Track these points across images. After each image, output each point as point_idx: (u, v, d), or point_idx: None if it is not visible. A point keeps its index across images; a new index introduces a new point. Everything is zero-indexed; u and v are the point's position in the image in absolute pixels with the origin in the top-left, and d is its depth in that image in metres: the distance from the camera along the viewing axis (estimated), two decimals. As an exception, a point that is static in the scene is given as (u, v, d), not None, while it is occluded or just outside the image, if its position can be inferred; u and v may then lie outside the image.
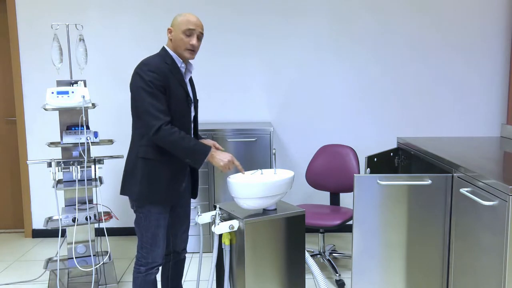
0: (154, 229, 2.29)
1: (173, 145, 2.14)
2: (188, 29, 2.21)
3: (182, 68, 2.29)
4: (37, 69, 4.07)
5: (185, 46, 2.23)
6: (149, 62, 2.18)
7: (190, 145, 2.15)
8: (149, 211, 2.27)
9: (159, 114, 2.12)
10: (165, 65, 2.21)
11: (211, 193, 3.72)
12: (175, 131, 2.13)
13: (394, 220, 2.33)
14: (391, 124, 4.16)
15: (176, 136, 2.13)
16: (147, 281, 2.34)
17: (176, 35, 2.23)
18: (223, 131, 3.66)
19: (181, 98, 2.24)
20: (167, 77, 2.18)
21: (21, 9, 4.00)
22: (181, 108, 2.24)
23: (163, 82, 2.16)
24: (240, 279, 2.15)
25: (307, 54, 4.08)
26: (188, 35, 2.22)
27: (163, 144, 2.16)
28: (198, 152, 2.18)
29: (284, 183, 2.19)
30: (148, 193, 2.23)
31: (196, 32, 2.23)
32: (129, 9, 4.03)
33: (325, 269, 3.45)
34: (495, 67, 4.11)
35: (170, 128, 2.13)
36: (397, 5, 4.04)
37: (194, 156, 2.17)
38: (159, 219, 2.29)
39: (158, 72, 2.15)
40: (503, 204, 1.83)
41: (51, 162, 2.94)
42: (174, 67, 2.24)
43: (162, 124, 2.12)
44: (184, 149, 2.15)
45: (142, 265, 2.32)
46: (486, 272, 1.99)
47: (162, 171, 2.24)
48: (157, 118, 2.11)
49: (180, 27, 2.22)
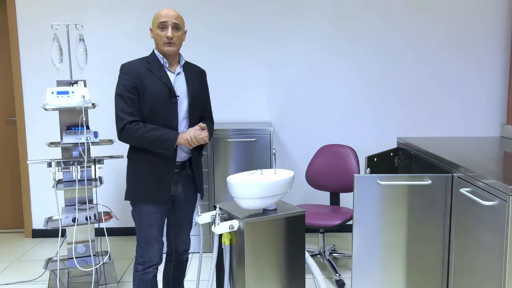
0: (147, 228, 2.32)
1: (140, 141, 2.22)
2: (160, 22, 2.23)
3: (165, 64, 2.30)
4: (37, 69, 4.07)
5: (162, 40, 2.25)
6: (126, 64, 2.28)
7: (156, 135, 2.20)
8: (140, 209, 2.32)
9: (124, 115, 2.21)
10: (145, 65, 2.26)
11: (211, 193, 3.72)
12: (139, 127, 2.20)
13: (394, 220, 2.33)
14: (391, 124, 4.16)
15: (141, 131, 2.20)
16: (145, 280, 2.35)
17: (154, 33, 2.29)
18: (223, 131, 3.65)
19: (161, 95, 2.25)
20: (141, 76, 2.23)
21: (21, 9, 4.00)
22: (160, 103, 2.25)
23: (134, 82, 2.22)
24: (240, 279, 2.15)
25: (307, 54, 4.08)
26: (162, 27, 2.24)
27: (131, 142, 2.24)
28: (166, 140, 2.22)
29: (284, 183, 2.19)
30: (134, 191, 2.32)
31: (168, 23, 2.24)
32: (129, 9, 4.03)
33: (325, 269, 3.45)
34: (495, 67, 4.11)
35: (134, 125, 2.20)
36: (397, 5, 4.04)
37: (163, 144, 2.22)
38: (151, 218, 2.32)
39: (129, 73, 2.24)
40: (503, 204, 1.83)
41: (51, 162, 2.94)
42: (155, 65, 2.28)
43: (126, 124, 2.20)
44: (152, 141, 2.21)
45: (140, 263, 2.36)
46: (486, 272, 1.99)
47: (144, 170, 2.29)
48: (122, 119, 2.21)
49: (155, 24, 2.27)
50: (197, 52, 4.08)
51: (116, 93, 2.24)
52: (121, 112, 2.22)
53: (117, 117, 2.23)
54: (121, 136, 2.24)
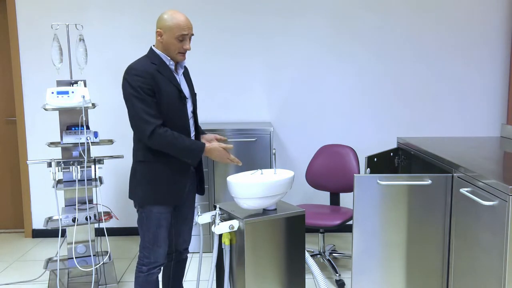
0: (156, 228, 2.30)
1: (168, 147, 2.19)
2: (182, 35, 2.21)
3: (171, 66, 2.29)
4: (37, 69, 4.07)
5: (178, 50, 2.24)
6: (135, 66, 2.19)
7: (185, 145, 2.20)
8: (150, 210, 2.28)
9: (150, 119, 2.15)
10: (152, 66, 2.21)
11: (211, 193, 3.72)
12: (168, 134, 2.17)
13: (394, 220, 2.33)
14: (391, 124, 4.16)
15: (170, 137, 2.17)
16: (149, 281, 2.34)
17: (168, 40, 2.22)
18: (223, 131, 3.66)
19: (173, 96, 2.24)
20: (154, 78, 2.19)
21: (21, 9, 4.00)
22: (174, 106, 2.24)
23: (150, 84, 2.17)
24: (240, 279, 2.15)
25: (307, 54, 4.08)
26: (181, 40, 2.22)
27: (159, 147, 2.19)
28: (194, 150, 2.22)
29: (284, 183, 2.19)
30: (150, 194, 2.26)
31: (189, 36, 2.24)
32: (129, 9, 4.03)
33: (325, 269, 3.45)
34: (495, 67, 4.11)
35: (163, 131, 2.16)
36: (397, 5, 4.04)
37: (190, 154, 2.22)
38: (160, 219, 2.30)
39: (144, 75, 2.16)
40: (503, 204, 1.83)
41: (51, 162, 2.94)
42: (162, 66, 2.25)
43: (155, 128, 2.15)
44: (180, 149, 2.19)
45: (144, 264, 2.33)
46: (486, 272, 1.99)
47: (162, 172, 2.26)
48: (149, 122, 2.14)
49: (172, 32, 2.20)
50: (197, 52, 4.08)
51: (133, 96, 2.15)
52: (145, 114, 2.14)
53: (142, 120, 2.15)
54: (150, 141, 2.16)
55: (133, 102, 2.16)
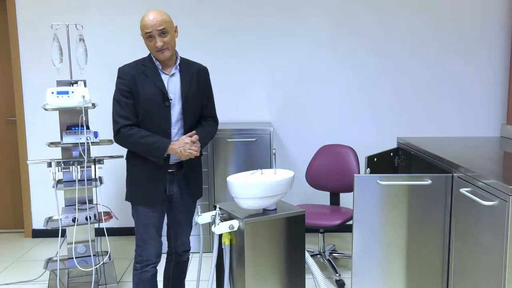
0: (142, 227, 2.37)
1: (133, 146, 2.25)
2: (146, 33, 2.22)
3: (159, 67, 2.30)
4: (37, 69, 4.07)
5: (153, 49, 2.26)
6: (122, 68, 2.30)
7: (148, 143, 2.22)
8: (137, 209, 2.37)
9: (119, 119, 2.24)
10: (140, 68, 2.27)
11: (211, 193, 3.72)
12: (133, 133, 2.22)
13: (394, 220, 2.33)
14: (391, 124, 4.16)
15: (134, 137, 2.22)
16: (143, 278, 2.38)
17: (144, 41, 2.28)
18: (223, 131, 3.65)
19: (154, 98, 2.25)
20: (135, 80, 2.24)
21: (21, 9, 4.00)
22: (154, 107, 2.25)
23: (128, 86, 2.24)
24: (240, 279, 2.15)
25: (307, 54, 4.08)
26: (149, 37, 2.23)
27: (124, 146, 2.28)
28: (157, 148, 2.22)
29: (284, 183, 2.19)
30: (131, 193, 2.37)
31: (154, 33, 2.20)
32: (129, 9, 4.03)
33: (325, 269, 3.45)
34: (495, 67, 4.11)
35: (128, 130, 2.23)
36: (398, 5, 4.03)
37: (154, 153, 2.23)
38: (146, 218, 2.35)
39: (124, 77, 2.26)
40: (503, 204, 1.83)
41: (51, 162, 2.94)
42: (150, 68, 2.28)
43: (120, 128, 2.23)
44: (144, 148, 2.23)
45: (138, 262, 2.40)
46: (486, 272, 1.99)
47: (139, 171, 2.32)
48: (116, 123, 2.25)
49: (142, 33, 2.25)
50: (197, 52, 4.07)
51: (113, 97, 2.29)
52: (116, 115, 2.26)
53: (113, 120, 2.28)
54: (115, 140, 2.29)
55: (113, 103, 2.29)
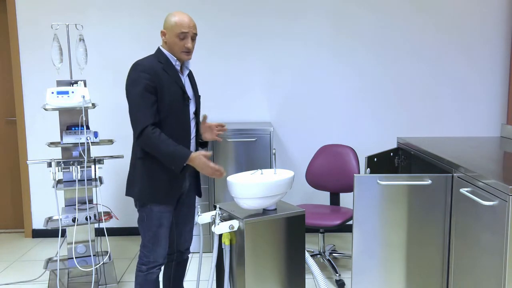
0: (156, 228, 2.30)
1: (152, 149, 2.16)
2: (182, 32, 2.21)
3: (177, 66, 2.29)
4: (37, 69, 4.07)
5: (181, 49, 2.25)
6: (142, 62, 2.21)
7: (169, 150, 2.14)
8: (151, 210, 2.28)
9: (144, 117, 2.14)
10: (159, 64, 2.23)
11: (211, 193, 3.72)
12: (155, 135, 2.14)
13: (394, 220, 2.33)
14: (391, 124, 4.16)
15: (156, 140, 2.13)
16: (148, 280, 2.34)
17: (170, 38, 2.24)
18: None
19: (177, 96, 2.24)
20: (159, 76, 2.19)
21: (21, 9, 4.00)
22: (176, 106, 2.24)
23: (154, 82, 2.17)
24: (240, 279, 2.15)
25: (307, 54, 4.08)
26: (182, 38, 2.23)
27: (145, 147, 2.18)
28: (177, 157, 2.16)
29: (284, 183, 2.19)
30: (149, 191, 2.26)
31: (190, 34, 2.24)
32: (129, 9, 4.03)
33: (325, 269, 3.45)
34: (495, 67, 4.11)
35: (151, 131, 2.14)
36: (398, 5, 4.03)
37: (173, 161, 2.16)
38: (161, 218, 2.30)
39: (149, 72, 2.17)
40: (503, 204, 1.83)
41: (51, 162, 2.94)
42: (168, 65, 2.26)
43: (145, 127, 2.14)
44: (163, 153, 2.15)
45: (144, 263, 2.33)
46: (486, 272, 1.99)
47: (160, 170, 2.25)
48: (141, 121, 2.14)
49: (173, 31, 2.22)
50: (197, 52, 4.07)
51: (134, 92, 2.15)
52: (141, 113, 2.14)
53: (136, 117, 2.15)
54: (138, 140, 2.17)
55: (134, 98, 2.16)
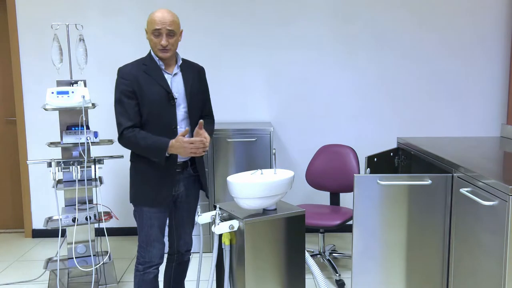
0: (147, 228, 2.33)
1: (134, 147, 2.23)
2: (155, 29, 2.20)
3: (161, 66, 2.28)
4: (37, 69, 4.07)
5: (156, 46, 2.23)
6: (122, 68, 2.27)
7: (148, 144, 2.19)
8: (141, 210, 2.32)
9: (122, 121, 2.22)
10: (141, 67, 2.25)
11: (211, 193, 3.72)
12: (132, 134, 2.20)
13: (394, 220, 2.33)
14: (391, 124, 4.16)
15: (134, 138, 2.20)
16: (145, 280, 2.36)
17: (148, 37, 2.25)
18: (223, 131, 3.65)
19: (159, 97, 2.24)
20: (138, 80, 2.22)
21: (21, 9, 4.00)
22: (159, 107, 2.24)
23: (131, 87, 2.21)
24: (240, 279, 2.15)
25: (307, 54, 4.08)
26: (157, 35, 2.21)
27: (127, 147, 2.26)
28: (157, 148, 2.19)
29: (284, 183, 2.19)
30: (139, 194, 2.32)
31: (163, 31, 2.19)
32: (129, 9, 4.03)
33: (325, 269, 3.45)
34: (495, 67, 4.11)
35: (130, 131, 2.20)
36: (397, 6, 4.03)
37: (155, 153, 2.20)
38: (152, 219, 2.32)
39: (126, 77, 2.23)
40: (503, 204, 1.83)
41: (51, 162, 2.94)
42: (152, 66, 2.26)
43: (123, 130, 2.21)
44: (144, 148, 2.21)
45: (140, 263, 2.37)
46: (486, 272, 1.99)
47: (149, 172, 2.29)
48: (120, 124, 2.23)
49: (149, 28, 2.23)
50: (197, 52, 4.07)
51: (115, 98, 2.25)
52: (119, 117, 2.23)
53: (116, 122, 2.25)
54: (119, 142, 2.26)
55: (115, 104, 2.26)
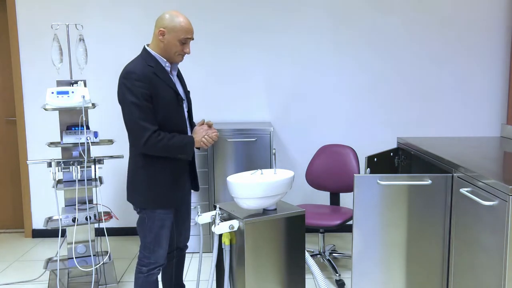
0: (158, 229, 2.30)
1: (164, 150, 2.18)
2: (186, 38, 2.21)
3: (167, 68, 2.26)
4: (37, 69, 4.07)
5: (178, 52, 2.23)
6: (134, 70, 2.14)
7: (178, 143, 2.20)
8: (153, 212, 2.27)
9: (146, 125, 2.13)
10: (149, 68, 2.17)
11: (211, 193, 3.72)
12: (162, 137, 2.16)
13: (394, 220, 2.33)
14: (391, 124, 4.16)
15: (165, 140, 2.17)
16: (149, 281, 2.34)
17: (170, 41, 2.19)
18: (223, 131, 3.66)
19: (171, 99, 2.22)
20: (153, 82, 2.16)
21: (21, 9, 4.00)
22: (171, 109, 2.23)
23: (149, 89, 2.14)
24: (240, 279, 2.15)
25: (307, 54, 4.08)
26: (183, 43, 2.22)
27: (154, 152, 2.18)
28: (186, 145, 2.23)
29: (284, 183, 2.19)
30: (153, 198, 2.25)
31: (190, 39, 2.25)
32: (129, 9, 4.03)
33: (325, 269, 3.45)
34: (495, 67, 4.11)
35: (157, 135, 2.15)
36: (398, 4, 4.03)
37: (183, 150, 2.23)
38: (164, 220, 2.30)
39: (143, 80, 2.13)
40: (503, 204, 1.83)
41: (51, 162, 2.94)
42: (158, 68, 2.21)
43: (150, 135, 2.13)
44: (175, 148, 2.20)
45: (144, 265, 2.33)
46: (486, 272, 1.99)
47: (165, 175, 2.25)
48: (144, 129, 2.13)
49: (176, 34, 2.18)
50: (196, 52, 4.07)
51: (131, 102, 2.12)
52: (142, 121, 2.12)
53: (138, 127, 2.13)
54: (144, 148, 2.15)
55: (131, 108, 2.13)
